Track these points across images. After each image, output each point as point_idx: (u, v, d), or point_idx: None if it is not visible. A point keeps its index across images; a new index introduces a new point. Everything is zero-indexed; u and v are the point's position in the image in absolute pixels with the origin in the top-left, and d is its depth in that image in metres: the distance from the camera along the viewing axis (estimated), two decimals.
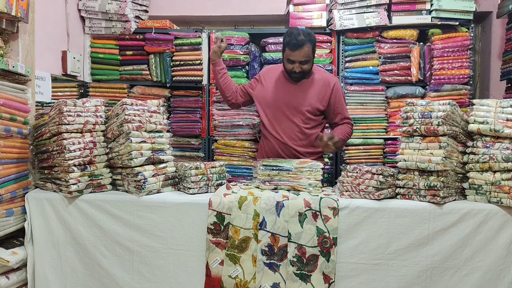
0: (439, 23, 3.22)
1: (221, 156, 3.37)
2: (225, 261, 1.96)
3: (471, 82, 3.26)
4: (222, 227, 1.97)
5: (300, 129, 2.54)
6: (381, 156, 3.32)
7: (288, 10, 3.45)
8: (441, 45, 3.21)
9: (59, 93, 3.19)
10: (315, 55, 3.27)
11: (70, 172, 2.02)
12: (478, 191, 1.93)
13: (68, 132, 2.04)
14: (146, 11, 3.71)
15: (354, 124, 3.28)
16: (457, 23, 3.21)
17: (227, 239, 1.96)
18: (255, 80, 2.73)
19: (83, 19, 3.52)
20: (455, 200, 1.98)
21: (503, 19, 3.23)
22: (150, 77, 3.50)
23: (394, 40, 3.28)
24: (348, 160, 3.29)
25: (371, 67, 3.32)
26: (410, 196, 1.97)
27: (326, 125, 2.75)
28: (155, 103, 2.23)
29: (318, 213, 1.92)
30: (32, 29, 2.28)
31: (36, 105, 2.39)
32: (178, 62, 3.45)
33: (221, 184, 2.21)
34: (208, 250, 1.98)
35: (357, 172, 2.01)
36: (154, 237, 2.03)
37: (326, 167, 3.30)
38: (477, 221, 1.88)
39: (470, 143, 1.96)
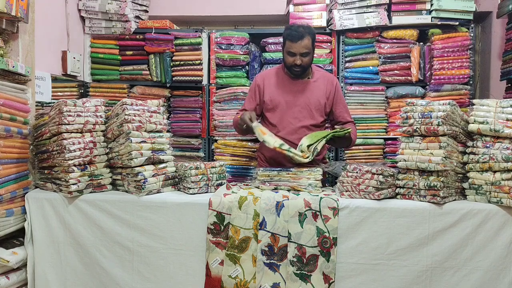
0: (439, 23, 3.22)
1: (221, 156, 3.37)
2: (225, 261, 1.95)
3: (471, 82, 3.26)
4: (222, 227, 1.97)
5: (309, 129, 2.48)
6: (381, 156, 3.32)
7: (288, 10, 3.45)
8: (441, 45, 3.21)
9: (59, 93, 3.19)
10: (315, 55, 3.32)
11: (70, 172, 2.02)
12: (478, 191, 1.93)
13: (68, 132, 2.04)
14: (146, 11, 3.71)
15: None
16: (457, 23, 3.21)
17: (227, 239, 1.96)
18: (256, 90, 2.58)
19: (83, 19, 3.52)
20: (455, 200, 1.97)
21: (503, 19, 3.23)
22: (150, 77, 3.50)
23: (394, 40, 3.28)
24: (348, 160, 3.29)
25: (371, 67, 3.32)
26: (410, 196, 1.97)
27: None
28: (155, 103, 2.23)
29: (318, 213, 1.92)
30: (32, 29, 2.28)
31: (36, 105, 2.39)
32: (178, 62, 3.45)
33: (221, 184, 2.21)
34: (208, 250, 1.97)
35: (357, 172, 2.01)
36: (154, 237, 2.03)
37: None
38: (477, 221, 1.88)
39: (470, 143, 1.96)
